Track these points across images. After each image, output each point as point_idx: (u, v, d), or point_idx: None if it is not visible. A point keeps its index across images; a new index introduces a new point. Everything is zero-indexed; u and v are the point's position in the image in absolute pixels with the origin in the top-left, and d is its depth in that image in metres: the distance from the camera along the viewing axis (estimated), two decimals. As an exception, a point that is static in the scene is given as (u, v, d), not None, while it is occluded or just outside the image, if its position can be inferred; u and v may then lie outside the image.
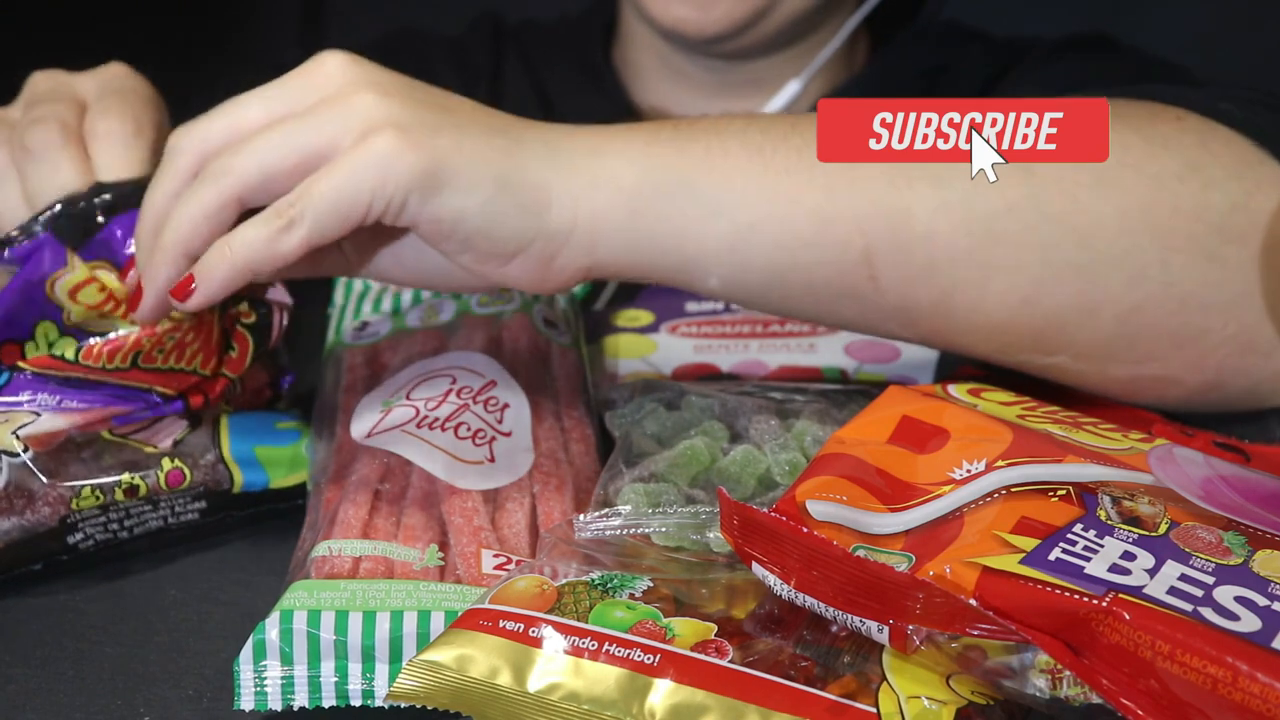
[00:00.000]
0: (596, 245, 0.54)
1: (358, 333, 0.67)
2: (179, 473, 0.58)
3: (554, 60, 0.97)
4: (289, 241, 0.51)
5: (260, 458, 0.60)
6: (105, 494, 0.56)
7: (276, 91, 0.54)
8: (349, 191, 0.51)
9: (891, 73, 0.92)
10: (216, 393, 0.60)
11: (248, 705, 0.48)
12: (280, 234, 0.51)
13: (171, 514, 0.59)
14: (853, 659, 0.45)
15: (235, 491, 0.59)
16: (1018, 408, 0.54)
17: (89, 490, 0.56)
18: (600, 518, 0.52)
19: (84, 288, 0.58)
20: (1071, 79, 0.84)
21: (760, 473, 0.55)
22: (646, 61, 0.94)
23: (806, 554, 0.44)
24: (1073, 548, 0.43)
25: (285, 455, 0.61)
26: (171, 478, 0.58)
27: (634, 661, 0.44)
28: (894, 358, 0.70)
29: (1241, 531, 0.45)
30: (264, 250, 0.51)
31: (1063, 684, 0.42)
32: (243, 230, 0.52)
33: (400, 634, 0.48)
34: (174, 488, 0.58)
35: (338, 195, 0.51)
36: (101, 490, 0.56)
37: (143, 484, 0.57)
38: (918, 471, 0.49)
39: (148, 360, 0.57)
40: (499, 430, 0.58)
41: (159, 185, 0.54)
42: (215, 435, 0.60)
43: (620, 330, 0.72)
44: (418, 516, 0.54)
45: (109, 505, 0.57)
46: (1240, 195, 0.56)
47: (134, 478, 0.57)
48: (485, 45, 1.00)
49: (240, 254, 0.51)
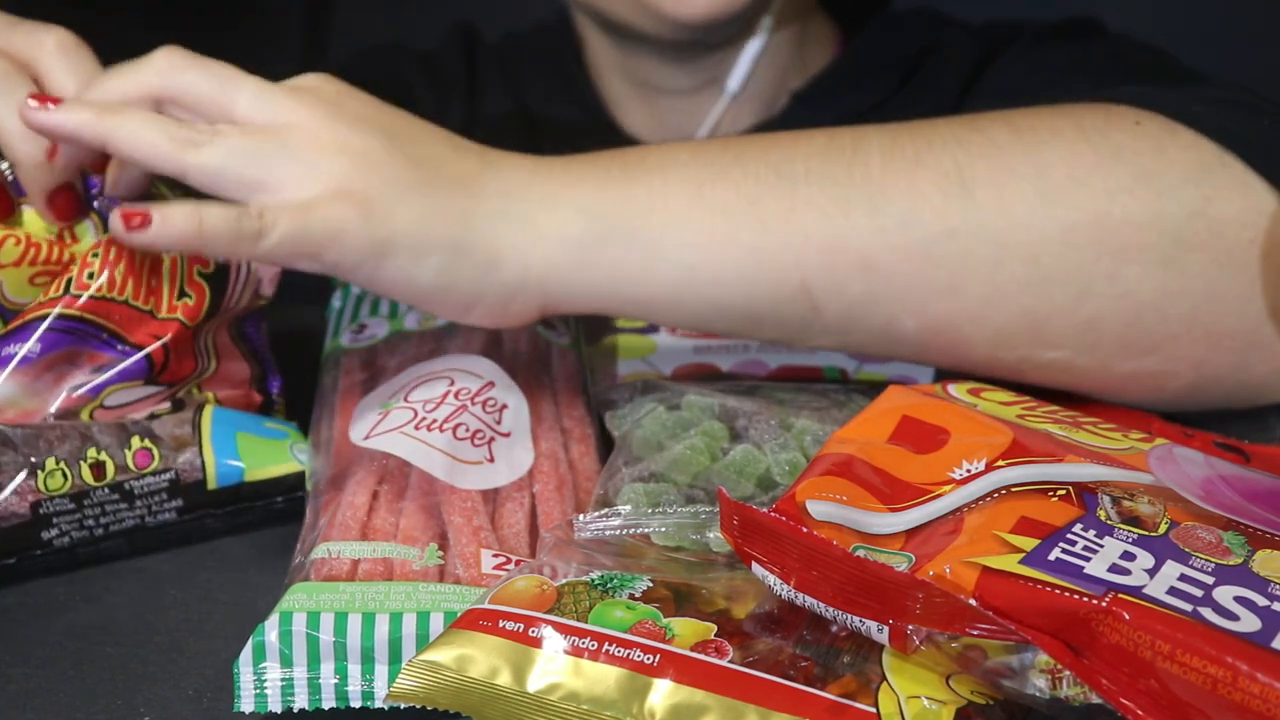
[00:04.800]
0: (548, 292, 0.57)
1: (355, 335, 0.67)
2: (147, 453, 0.57)
3: (530, 69, 0.97)
4: (254, 249, 0.53)
5: (240, 447, 0.59)
6: (71, 470, 0.56)
7: (269, 96, 0.55)
8: (307, 243, 0.53)
9: (869, 60, 0.91)
10: (176, 340, 0.59)
11: (248, 707, 0.48)
12: (249, 238, 0.52)
13: (148, 512, 0.58)
14: (853, 659, 0.45)
15: (210, 486, 0.58)
16: (1018, 407, 0.54)
17: (54, 463, 0.56)
18: (600, 518, 0.52)
19: (0, 246, 0.57)
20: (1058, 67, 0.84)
21: (760, 473, 0.55)
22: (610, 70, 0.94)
23: (806, 554, 0.44)
24: (1073, 548, 0.43)
25: (265, 446, 0.60)
26: (140, 457, 0.57)
27: (634, 661, 0.44)
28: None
29: (1241, 531, 0.44)
30: (229, 242, 0.52)
31: (1063, 684, 0.42)
32: (218, 211, 0.52)
33: (399, 635, 0.48)
34: (142, 469, 0.57)
35: (301, 239, 0.53)
36: (68, 465, 0.56)
37: (110, 461, 0.57)
38: (918, 471, 0.49)
39: (80, 287, 0.57)
40: (498, 431, 0.58)
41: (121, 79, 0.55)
42: (196, 420, 0.59)
43: (620, 330, 0.72)
44: (417, 517, 0.54)
45: (81, 494, 0.56)
46: (1198, 201, 0.56)
47: (100, 453, 0.56)
48: (459, 57, 0.99)
49: (209, 229, 0.52)
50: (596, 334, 0.71)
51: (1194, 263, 0.56)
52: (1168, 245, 0.56)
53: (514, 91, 0.97)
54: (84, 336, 0.57)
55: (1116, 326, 0.57)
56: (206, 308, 0.60)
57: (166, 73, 0.55)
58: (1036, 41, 0.88)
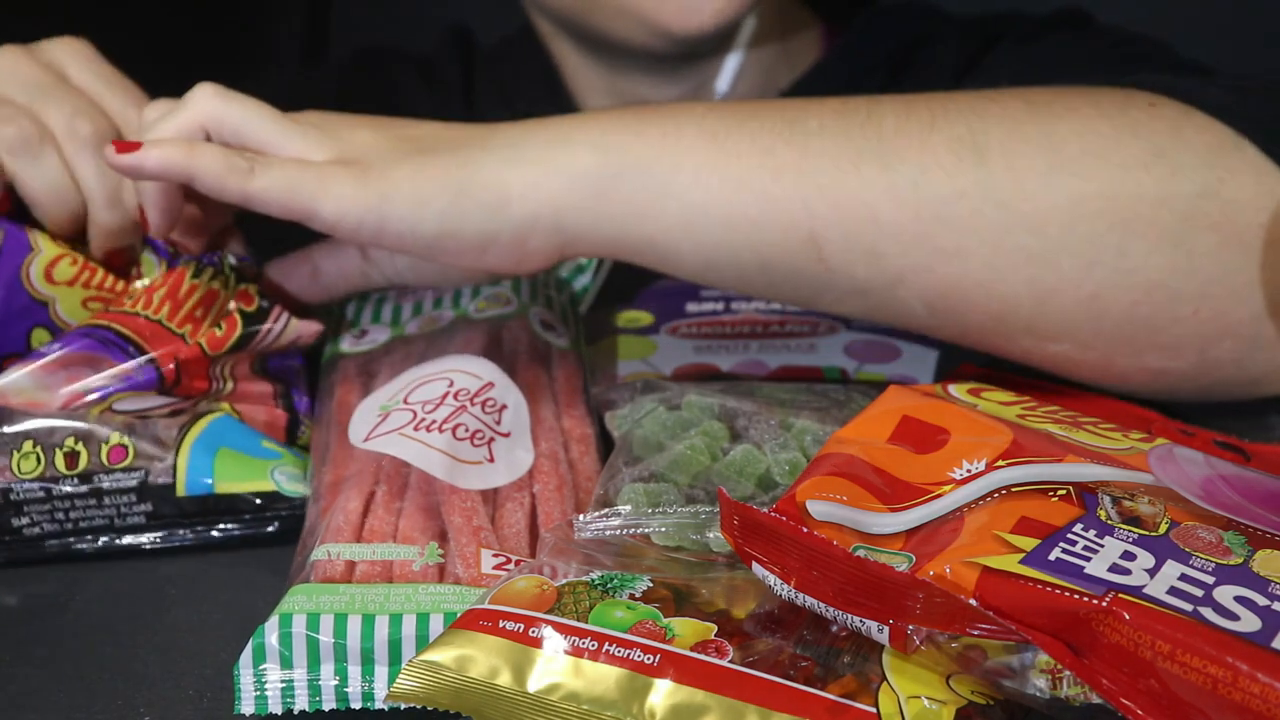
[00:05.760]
0: (563, 227, 0.58)
1: (356, 340, 0.67)
2: (122, 449, 0.57)
3: (518, 72, 0.97)
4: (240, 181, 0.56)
5: (217, 459, 0.58)
6: (46, 454, 0.56)
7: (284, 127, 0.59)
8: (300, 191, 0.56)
9: (857, 55, 0.91)
10: (189, 361, 0.59)
11: (248, 709, 0.48)
12: (240, 173, 0.56)
13: (117, 514, 0.58)
14: (853, 659, 0.45)
15: (179, 492, 0.58)
16: (1018, 407, 0.54)
17: (30, 446, 0.56)
18: (600, 518, 0.52)
19: (56, 264, 0.57)
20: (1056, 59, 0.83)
21: (760, 473, 0.55)
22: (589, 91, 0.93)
23: (806, 554, 0.44)
24: (1073, 547, 0.43)
25: (246, 464, 0.59)
26: (114, 453, 0.57)
27: (634, 661, 0.44)
28: (894, 358, 0.70)
29: (1241, 531, 0.44)
30: (216, 172, 0.56)
31: (1063, 684, 0.42)
32: (211, 148, 0.56)
33: (399, 636, 0.48)
34: (113, 464, 0.57)
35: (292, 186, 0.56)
36: (43, 450, 0.56)
37: (84, 452, 0.57)
38: (918, 471, 0.49)
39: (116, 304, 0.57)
40: (497, 431, 0.58)
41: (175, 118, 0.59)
42: (188, 426, 0.59)
43: (620, 331, 0.72)
44: (416, 517, 0.54)
45: (52, 482, 0.56)
46: (1211, 182, 0.56)
47: (76, 443, 0.57)
48: (454, 61, 0.99)
49: (200, 159, 0.56)
50: (596, 334, 0.71)
51: (1204, 243, 0.56)
52: (1178, 223, 0.55)
53: (508, 100, 0.96)
54: (108, 344, 0.58)
55: (1122, 303, 0.56)
56: (233, 342, 0.60)
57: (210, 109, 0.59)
58: (1031, 34, 0.87)
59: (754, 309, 0.74)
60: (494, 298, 0.67)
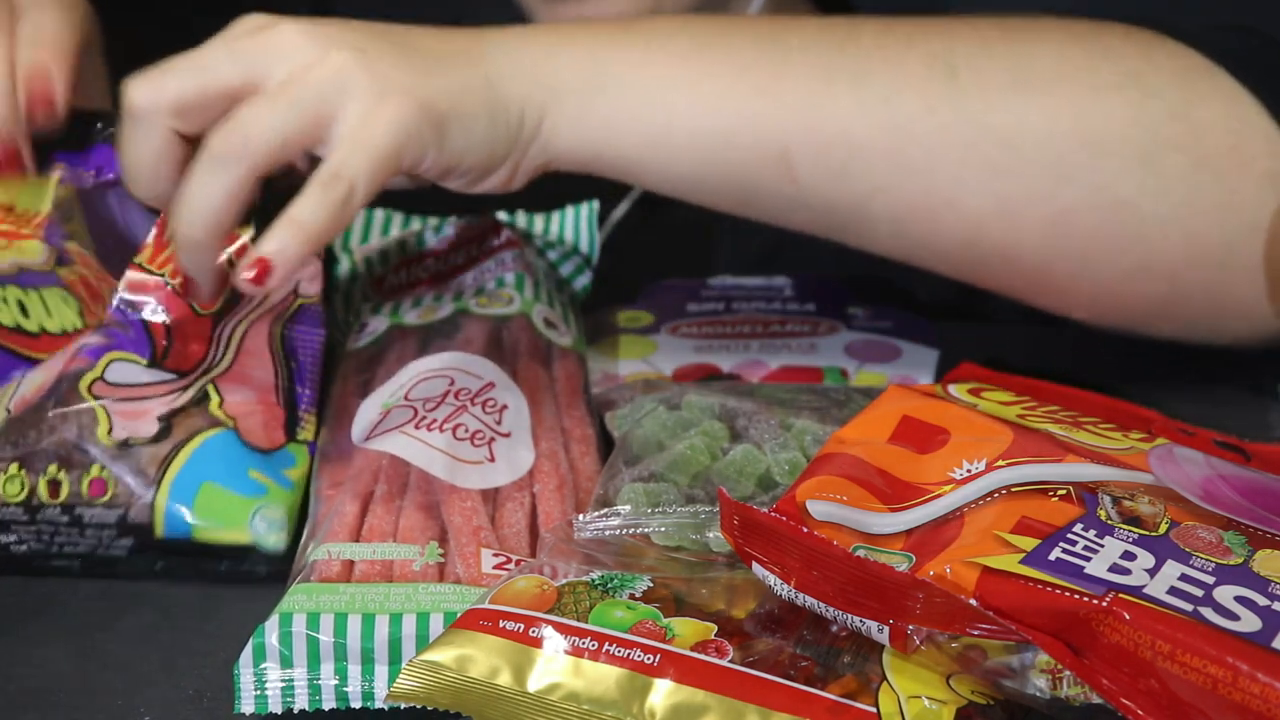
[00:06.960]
0: (551, 144, 0.58)
1: (356, 335, 0.67)
2: (101, 483, 0.56)
3: None
4: (351, 208, 0.53)
5: (198, 501, 0.56)
6: (30, 479, 0.56)
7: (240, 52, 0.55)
8: (388, 156, 0.53)
9: None
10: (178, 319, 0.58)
11: (248, 709, 0.48)
12: (343, 204, 0.53)
13: (100, 544, 0.56)
14: (853, 659, 0.45)
15: (157, 534, 0.56)
16: (1018, 407, 0.54)
17: (15, 469, 0.56)
18: (600, 517, 0.52)
19: None
20: None
21: (760, 473, 0.55)
22: None
23: (806, 554, 0.44)
24: (1073, 547, 0.43)
25: (228, 505, 0.56)
26: (94, 486, 0.56)
27: (634, 661, 0.44)
28: (894, 358, 0.70)
29: (1241, 531, 0.44)
30: (333, 221, 0.53)
31: (1063, 684, 0.42)
32: (306, 204, 0.52)
33: (399, 636, 0.48)
34: (93, 498, 0.56)
35: (382, 161, 0.53)
36: (28, 474, 0.56)
37: (65, 482, 0.56)
38: (918, 471, 0.49)
39: None
40: (497, 431, 0.58)
41: (140, 153, 0.55)
42: (171, 456, 0.57)
43: (621, 331, 0.72)
44: (416, 517, 0.54)
45: (35, 509, 0.56)
46: (1180, 104, 0.56)
47: (59, 471, 0.56)
48: None
49: (313, 228, 0.52)
50: (597, 334, 0.71)
51: (1173, 163, 0.56)
52: (1147, 142, 0.56)
53: None
54: None
55: (1091, 220, 0.57)
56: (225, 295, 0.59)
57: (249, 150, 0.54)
58: None
59: (754, 309, 0.74)
60: (496, 295, 0.67)
